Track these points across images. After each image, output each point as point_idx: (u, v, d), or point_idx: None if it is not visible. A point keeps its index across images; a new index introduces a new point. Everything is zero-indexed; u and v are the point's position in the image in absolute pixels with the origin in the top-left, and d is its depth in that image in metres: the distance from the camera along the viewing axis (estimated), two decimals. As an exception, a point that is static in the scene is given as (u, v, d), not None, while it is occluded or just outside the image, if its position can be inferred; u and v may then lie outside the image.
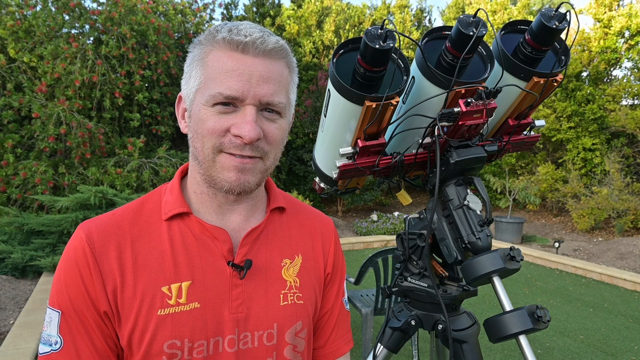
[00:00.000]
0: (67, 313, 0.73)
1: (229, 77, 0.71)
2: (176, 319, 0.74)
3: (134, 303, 0.73)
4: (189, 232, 0.79)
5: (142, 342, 0.72)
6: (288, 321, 0.82)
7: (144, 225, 0.79)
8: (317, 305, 0.91)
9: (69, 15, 7.20)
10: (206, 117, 0.72)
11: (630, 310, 4.56)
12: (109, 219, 0.78)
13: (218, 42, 0.72)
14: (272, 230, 0.87)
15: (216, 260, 0.78)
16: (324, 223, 0.97)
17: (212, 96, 0.71)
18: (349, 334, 0.98)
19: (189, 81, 0.76)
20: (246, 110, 0.72)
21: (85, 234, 0.75)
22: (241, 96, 0.71)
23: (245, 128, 0.71)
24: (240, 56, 0.72)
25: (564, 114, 8.74)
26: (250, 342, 0.78)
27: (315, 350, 0.93)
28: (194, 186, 0.81)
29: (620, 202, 7.31)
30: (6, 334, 3.37)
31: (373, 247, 7.23)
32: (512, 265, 0.97)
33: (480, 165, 1.12)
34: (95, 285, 0.72)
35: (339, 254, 0.97)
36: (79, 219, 4.95)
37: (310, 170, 9.02)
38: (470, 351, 1.12)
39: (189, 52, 0.78)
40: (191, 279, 0.76)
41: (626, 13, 8.22)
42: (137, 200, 0.83)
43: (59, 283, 0.74)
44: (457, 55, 0.98)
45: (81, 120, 6.55)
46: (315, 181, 1.37)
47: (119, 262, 0.74)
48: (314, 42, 10.46)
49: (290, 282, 0.85)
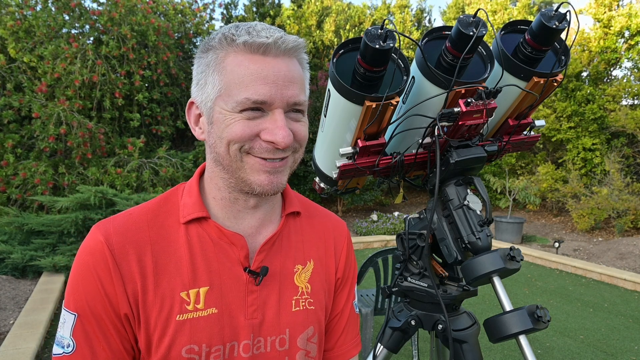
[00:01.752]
0: (83, 316, 0.73)
1: (255, 81, 0.69)
2: (194, 324, 0.74)
3: (154, 307, 0.73)
4: (207, 237, 0.79)
5: (160, 346, 0.73)
6: (300, 327, 0.83)
7: (162, 229, 0.78)
8: (328, 310, 0.91)
9: (69, 15, 7.20)
10: (233, 123, 0.70)
11: (630, 310, 4.56)
12: (126, 220, 0.77)
13: (238, 46, 0.70)
14: (287, 236, 0.87)
15: (233, 266, 0.78)
16: (337, 226, 0.97)
17: (239, 102, 0.69)
18: (358, 338, 0.98)
19: (205, 87, 0.74)
20: (275, 115, 0.71)
21: (104, 236, 0.74)
22: (269, 100, 0.70)
23: (279, 134, 0.70)
24: (261, 58, 0.70)
25: (564, 114, 8.74)
26: (264, 347, 0.79)
27: (325, 352, 0.94)
28: (214, 192, 0.80)
29: (620, 202, 7.31)
30: (6, 334, 3.37)
31: (373, 247, 7.22)
32: (512, 265, 0.97)
33: (480, 165, 1.12)
34: (116, 288, 0.72)
35: (350, 258, 0.97)
36: (79, 219, 4.95)
37: (310, 170, 9.02)
38: (470, 351, 1.12)
39: (198, 58, 0.76)
40: (209, 285, 0.76)
41: (626, 13, 8.22)
42: (154, 201, 0.82)
43: (75, 285, 0.74)
44: (457, 55, 0.98)
45: (81, 120, 6.56)
46: (315, 181, 1.37)
47: (138, 265, 0.74)
48: (314, 42, 10.46)
49: (302, 288, 0.85)
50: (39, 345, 3.20)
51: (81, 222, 4.98)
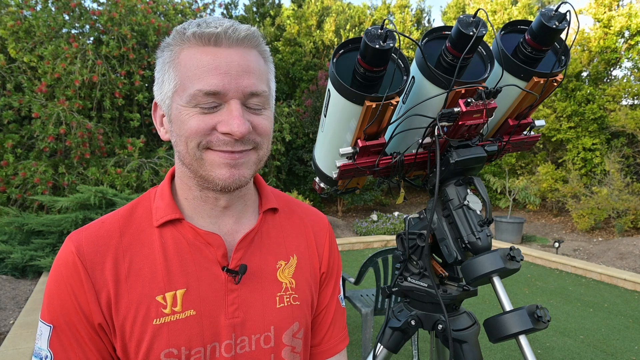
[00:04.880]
0: (58, 327, 0.72)
1: (207, 72, 0.67)
2: (172, 327, 0.73)
3: (129, 314, 0.72)
4: (182, 238, 0.77)
5: (139, 352, 0.72)
6: (285, 323, 0.82)
7: (135, 233, 0.77)
8: (314, 305, 0.90)
9: (69, 15, 7.20)
10: (188, 118, 0.69)
11: (630, 310, 4.56)
12: (98, 229, 0.76)
13: (188, 39, 0.69)
14: (266, 232, 0.86)
15: (211, 266, 0.77)
16: (317, 221, 0.95)
17: (192, 95, 0.68)
18: (345, 331, 0.97)
19: (163, 86, 0.73)
20: (231, 105, 0.69)
21: (75, 247, 0.73)
22: (223, 90, 0.68)
23: (234, 124, 0.68)
24: (213, 49, 0.68)
25: (564, 114, 8.75)
26: (248, 346, 0.78)
27: (312, 348, 0.93)
28: (185, 192, 0.79)
29: (620, 202, 7.31)
30: (6, 334, 3.37)
31: (373, 247, 7.22)
32: (512, 265, 0.97)
33: (480, 165, 1.12)
34: (88, 298, 0.71)
35: (334, 251, 0.96)
36: (79, 219, 4.95)
37: (310, 170, 9.02)
38: (470, 351, 1.12)
39: (157, 58, 0.75)
40: (186, 287, 0.75)
41: (626, 13, 8.22)
42: (126, 207, 0.81)
43: (50, 297, 0.73)
44: (457, 55, 0.98)
45: (81, 120, 6.56)
46: (315, 181, 1.37)
47: (111, 273, 0.72)
48: (314, 42, 10.46)
49: (286, 284, 0.84)
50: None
51: (81, 222, 4.98)
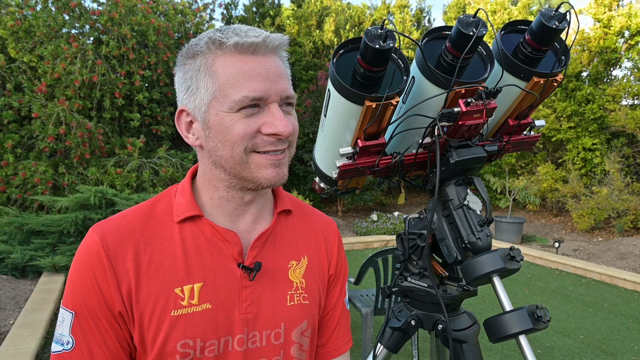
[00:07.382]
0: (80, 314, 0.75)
1: (249, 79, 0.72)
2: (189, 319, 0.76)
3: (148, 304, 0.75)
4: (200, 234, 0.81)
5: (156, 341, 0.75)
6: (295, 321, 0.85)
7: (156, 228, 0.80)
8: (321, 305, 0.94)
9: (69, 15, 7.20)
10: (233, 124, 0.73)
11: (630, 310, 4.56)
12: (120, 221, 0.80)
13: (228, 48, 0.73)
14: (280, 233, 0.89)
15: (227, 262, 0.81)
16: (328, 225, 1.00)
17: (237, 101, 0.72)
18: (349, 333, 1.01)
19: (196, 93, 0.75)
20: (272, 108, 0.74)
21: (99, 237, 0.76)
22: (265, 95, 0.73)
23: (280, 125, 0.73)
24: (251, 58, 0.73)
25: (564, 114, 8.74)
26: (259, 341, 0.81)
27: (317, 348, 0.96)
28: (210, 192, 0.82)
29: (620, 202, 7.31)
30: (6, 334, 3.37)
31: (373, 247, 7.22)
32: (512, 265, 0.97)
33: (480, 165, 1.12)
34: (110, 287, 0.74)
35: (341, 256, 1.00)
36: (79, 219, 4.95)
37: (310, 170, 9.02)
38: (470, 351, 1.12)
39: (183, 64, 0.78)
40: (203, 281, 0.78)
41: (626, 13, 8.22)
42: (148, 202, 0.84)
43: (73, 285, 0.76)
44: (457, 55, 0.98)
45: (81, 120, 6.56)
46: (315, 181, 1.37)
47: (133, 264, 0.76)
48: (314, 42, 10.46)
49: (297, 283, 0.87)
50: (39, 345, 3.20)
51: (81, 222, 4.98)
